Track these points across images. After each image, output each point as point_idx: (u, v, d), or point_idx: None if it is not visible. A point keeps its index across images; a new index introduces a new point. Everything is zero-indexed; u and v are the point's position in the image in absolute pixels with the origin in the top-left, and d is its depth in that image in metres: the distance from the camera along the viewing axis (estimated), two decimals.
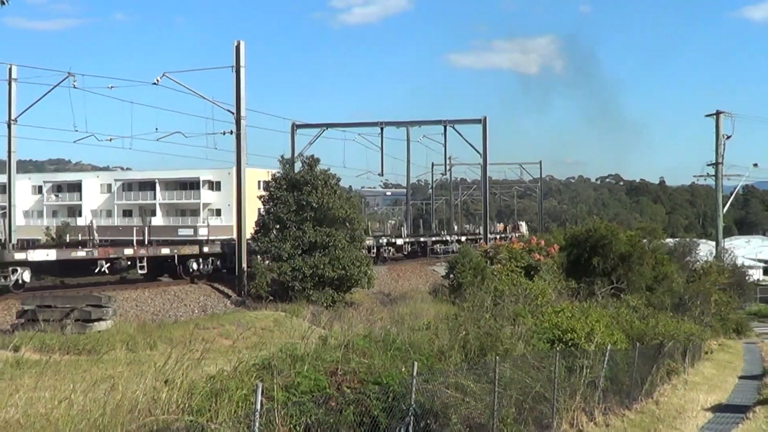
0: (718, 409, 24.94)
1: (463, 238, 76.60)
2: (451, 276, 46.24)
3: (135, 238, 43.27)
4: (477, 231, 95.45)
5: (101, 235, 74.56)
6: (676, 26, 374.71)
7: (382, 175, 73.56)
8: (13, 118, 42.83)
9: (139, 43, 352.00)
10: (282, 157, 43.96)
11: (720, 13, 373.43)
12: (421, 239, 72.23)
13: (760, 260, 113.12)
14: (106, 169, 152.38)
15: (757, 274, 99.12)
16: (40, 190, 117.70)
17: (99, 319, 27.46)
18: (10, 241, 41.57)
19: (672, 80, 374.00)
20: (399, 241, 64.47)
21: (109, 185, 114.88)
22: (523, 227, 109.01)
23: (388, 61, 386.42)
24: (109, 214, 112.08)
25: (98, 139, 49.96)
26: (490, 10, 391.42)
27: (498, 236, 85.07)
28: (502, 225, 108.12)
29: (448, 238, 76.35)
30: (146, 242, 42.14)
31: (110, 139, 50.02)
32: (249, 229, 43.08)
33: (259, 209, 44.52)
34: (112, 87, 42.16)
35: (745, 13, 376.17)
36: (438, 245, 72.61)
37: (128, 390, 10.55)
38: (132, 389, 10.59)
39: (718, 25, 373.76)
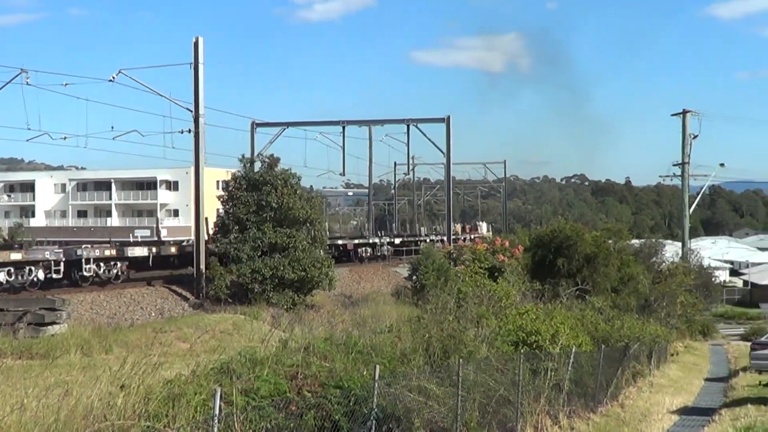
0: (683, 411, 25.06)
1: (397, 240, 69.84)
2: (414, 278, 46.14)
3: None
4: (416, 231, 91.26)
5: (54, 236, 73.41)
6: (642, 24, 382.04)
7: (344, 175, 73.12)
8: None
9: (95, 38, 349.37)
10: (243, 156, 43.50)
11: (687, 11, 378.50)
12: (339, 242, 59.14)
13: (726, 261, 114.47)
14: (60, 168, 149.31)
15: (723, 276, 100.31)
16: None
17: (53, 323, 27.04)
18: None
19: (638, 79, 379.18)
20: None
21: (64, 185, 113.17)
22: (483, 228, 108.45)
23: (350, 59, 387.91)
24: (64, 214, 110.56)
25: (52, 138, 48.97)
26: (455, 7, 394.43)
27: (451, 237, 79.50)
28: (459, 225, 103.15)
29: (377, 240, 65.93)
30: None
31: (65, 138, 49.24)
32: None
33: (218, 210, 44.02)
34: (66, 84, 41.65)
35: (712, 11, 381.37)
36: (363, 249, 62.07)
37: (83, 395, 10.33)
38: (87, 394, 10.36)
39: (685, 24, 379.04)
